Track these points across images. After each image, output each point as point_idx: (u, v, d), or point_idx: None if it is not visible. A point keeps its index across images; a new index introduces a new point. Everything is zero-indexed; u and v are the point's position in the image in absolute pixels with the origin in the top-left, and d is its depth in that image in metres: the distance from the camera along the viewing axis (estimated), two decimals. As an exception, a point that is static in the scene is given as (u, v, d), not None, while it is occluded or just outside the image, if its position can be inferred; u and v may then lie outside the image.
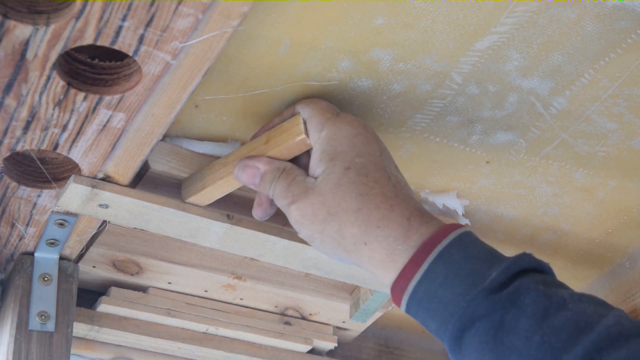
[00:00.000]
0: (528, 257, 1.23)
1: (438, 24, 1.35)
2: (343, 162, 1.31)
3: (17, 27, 1.12)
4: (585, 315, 1.14)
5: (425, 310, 1.24)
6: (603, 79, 1.44)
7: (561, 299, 1.17)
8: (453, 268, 1.22)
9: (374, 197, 1.29)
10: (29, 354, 1.48)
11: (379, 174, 1.32)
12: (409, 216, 1.28)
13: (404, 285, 1.25)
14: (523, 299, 1.17)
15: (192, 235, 1.48)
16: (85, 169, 1.37)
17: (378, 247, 1.27)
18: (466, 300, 1.19)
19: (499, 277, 1.20)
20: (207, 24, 1.15)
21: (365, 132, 1.35)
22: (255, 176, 1.38)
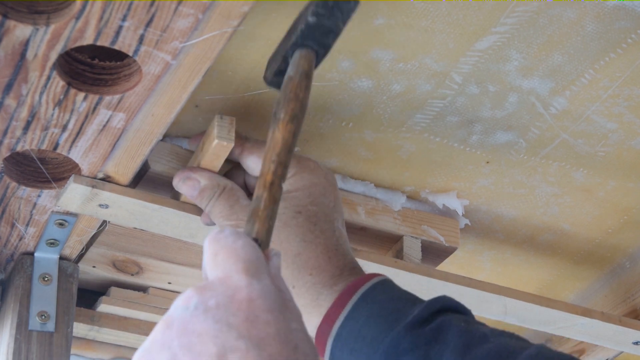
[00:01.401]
0: (448, 298, 1.26)
1: (438, 24, 1.35)
2: (296, 206, 1.31)
3: (17, 27, 1.12)
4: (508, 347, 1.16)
5: (350, 351, 1.23)
6: (603, 79, 1.44)
7: (483, 334, 1.18)
8: (376, 307, 1.23)
9: (316, 247, 1.30)
10: (29, 354, 1.48)
11: (327, 225, 1.32)
12: (342, 268, 1.30)
13: (328, 329, 1.24)
14: (445, 335, 1.18)
15: (192, 235, 1.48)
16: (85, 169, 1.37)
17: (304, 293, 1.27)
18: (390, 336, 1.20)
19: (421, 313, 1.21)
20: (207, 24, 1.14)
21: (324, 182, 1.35)
22: (195, 188, 1.37)
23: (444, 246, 1.66)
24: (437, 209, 1.67)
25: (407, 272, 1.58)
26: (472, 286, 1.61)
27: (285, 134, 1.12)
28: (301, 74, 1.19)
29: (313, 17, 1.20)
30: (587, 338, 1.73)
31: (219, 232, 0.96)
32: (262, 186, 1.07)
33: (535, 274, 1.85)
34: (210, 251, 0.95)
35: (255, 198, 1.06)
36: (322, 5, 1.19)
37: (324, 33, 1.21)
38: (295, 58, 1.21)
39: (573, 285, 1.89)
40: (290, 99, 1.15)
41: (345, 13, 1.20)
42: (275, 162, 1.09)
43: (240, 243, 0.95)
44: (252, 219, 1.04)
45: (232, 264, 0.93)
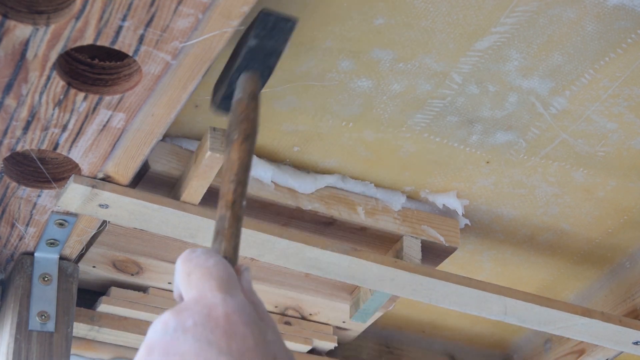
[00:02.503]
0: None
1: (438, 24, 1.35)
2: None
3: (17, 27, 1.12)
4: None
5: None
6: (603, 79, 1.44)
7: None
8: None
9: None
10: (29, 353, 1.48)
11: None
12: None
13: None
14: None
15: (192, 235, 1.48)
16: (85, 169, 1.37)
17: None
18: None
19: None
20: (207, 24, 1.14)
21: None
22: None
23: (444, 246, 1.66)
24: (437, 209, 1.67)
25: (407, 272, 1.58)
26: (472, 286, 1.61)
27: (240, 153, 1.15)
28: (249, 95, 1.22)
29: (254, 40, 1.25)
30: (587, 338, 1.73)
31: (190, 252, 0.97)
32: (225, 206, 1.09)
33: (535, 274, 1.85)
34: (184, 271, 0.96)
35: (219, 218, 1.08)
36: (262, 27, 1.24)
37: (266, 54, 1.26)
38: (241, 81, 1.24)
39: (573, 285, 1.89)
40: (241, 120, 1.18)
41: (284, 33, 1.25)
42: (234, 182, 1.11)
43: (212, 261, 0.96)
44: (219, 238, 1.06)
45: (205, 282, 0.94)
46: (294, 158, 1.57)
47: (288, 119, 1.49)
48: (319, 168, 1.59)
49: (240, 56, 1.25)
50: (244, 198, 1.11)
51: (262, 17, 1.24)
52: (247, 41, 1.25)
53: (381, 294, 1.69)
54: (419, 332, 2.04)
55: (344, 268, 1.57)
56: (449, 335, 2.03)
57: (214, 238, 1.07)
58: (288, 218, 1.59)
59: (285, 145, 1.54)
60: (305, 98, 1.45)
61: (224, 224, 1.07)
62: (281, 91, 1.43)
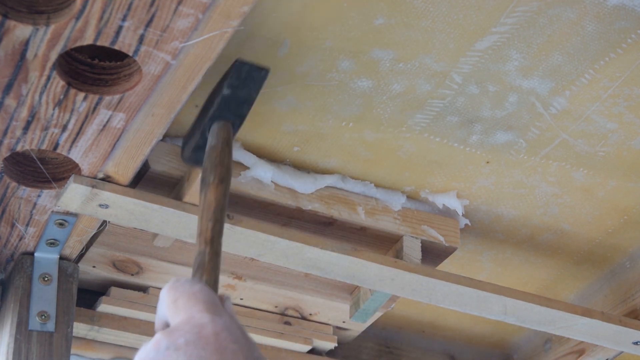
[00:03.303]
0: None
1: (438, 24, 1.35)
2: None
3: (17, 27, 1.12)
4: None
5: None
6: (603, 79, 1.44)
7: None
8: None
9: None
10: (29, 354, 1.48)
11: None
12: None
13: None
14: None
15: (192, 236, 1.48)
16: (85, 169, 1.37)
17: None
18: None
19: None
20: (207, 24, 1.14)
21: None
22: None
23: (444, 246, 1.66)
24: (437, 209, 1.67)
25: (407, 272, 1.58)
26: (472, 286, 1.61)
27: (217, 195, 1.22)
28: (222, 142, 1.29)
29: (228, 90, 1.29)
30: (587, 338, 1.73)
31: (175, 281, 1.02)
32: (204, 242, 1.16)
33: (535, 274, 1.85)
34: (170, 298, 1.00)
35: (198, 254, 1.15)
36: (236, 77, 1.29)
37: (239, 103, 1.31)
38: (214, 129, 1.30)
39: (573, 285, 1.89)
40: (216, 164, 1.25)
41: (257, 82, 1.30)
42: (212, 220, 1.19)
43: (198, 287, 1.01)
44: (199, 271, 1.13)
45: (192, 305, 0.98)
46: (294, 158, 1.57)
47: (288, 119, 1.49)
48: (319, 168, 1.59)
49: (214, 106, 1.31)
50: (222, 235, 1.18)
51: (237, 66, 1.29)
52: (221, 91, 1.30)
53: (381, 294, 1.69)
54: (419, 332, 2.04)
55: (344, 268, 1.57)
56: (449, 335, 2.03)
57: (195, 271, 1.13)
58: (288, 218, 1.59)
59: (285, 145, 1.54)
60: (305, 98, 1.45)
61: (204, 258, 1.14)
62: (281, 91, 1.43)
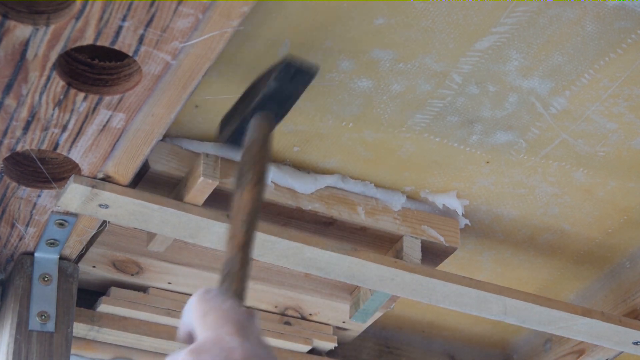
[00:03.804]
0: None
1: (438, 24, 1.35)
2: None
3: (17, 27, 1.12)
4: None
5: None
6: (603, 79, 1.44)
7: None
8: None
9: None
10: (29, 354, 1.48)
11: None
12: None
13: None
14: None
15: (192, 236, 1.48)
16: (85, 169, 1.37)
17: None
18: None
19: None
20: (207, 24, 1.14)
21: None
22: None
23: (444, 246, 1.66)
24: (437, 209, 1.67)
25: (407, 272, 1.58)
26: (472, 286, 1.61)
27: (253, 195, 1.15)
28: (263, 137, 1.23)
29: (275, 83, 1.26)
30: (587, 338, 1.73)
31: (206, 293, 1.00)
32: (236, 247, 1.09)
33: (535, 274, 1.85)
34: (199, 311, 0.98)
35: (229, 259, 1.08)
36: (285, 71, 1.26)
37: (284, 98, 1.27)
38: (256, 121, 1.25)
39: (573, 285, 1.89)
40: (255, 161, 1.19)
41: (306, 79, 1.28)
42: (246, 224, 1.11)
43: (229, 304, 0.98)
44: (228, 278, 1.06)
45: (222, 325, 0.96)
46: (294, 158, 1.57)
47: (288, 119, 1.49)
48: (319, 168, 1.59)
49: (259, 96, 1.27)
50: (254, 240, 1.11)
51: (287, 62, 1.26)
52: (268, 83, 1.26)
53: (381, 294, 1.69)
54: (419, 332, 2.04)
55: (344, 268, 1.57)
56: (449, 335, 2.03)
57: (222, 278, 1.07)
58: (288, 218, 1.59)
59: (285, 145, 1.54)
60: (305, 98, 1.45)
61: (234, 265, 1.08)
62: (281, 91, 1.43)
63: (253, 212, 1.13)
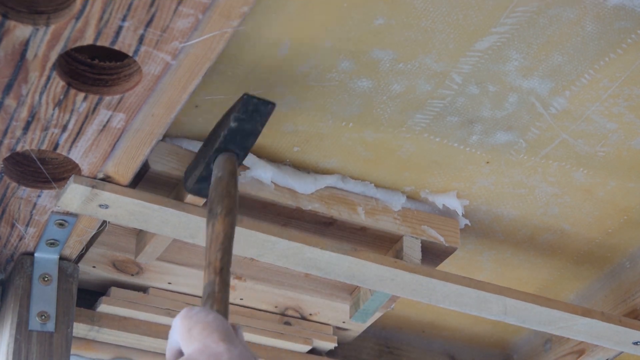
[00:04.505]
0: None
1: (438, 24, 1.35)
2: None
3: (17, 27, 1.12)
4: None
5: None
6: (603, 79, 1.44)
7: None
8: None
9: None
10: (29, 354, 1.48)
11: None
12: None
13: None
14: None
15: (192, 236, 1.48)
16: (85, 169, 1.37)
17: None
18: None
19: None
20: (207, 24, 1.14)
21: None
22: None
23: (444, 246, 1.66)
24: (437, 209, 1.67)
25: (407, 272, 1.58)
26: (472, 286, 1.61)
27: (225, 226, 1.25)
28: (229, 173, 1.32)
29: (235, 123, 1.32)
30: (587, 338, 1.73)
31: (189, 310, 1.03)
32: (213, 272, 1.19)
33: (535, 274, 1.85)
34: (184, 327, 1.01)
35: (207, 284, 1.18)
36: (243, 110, 1.32)
37: (244, 136, 1.34)
38: (220, 161, 1.33)
39: (573, 285, 1.89)
40: (224, 195, 1.29)
41: (263, 116, 1.33)
42: (221, 251, 1.22)
43: (212, 317, 1.02)
44: (209, 301, 1.16)
45: (207, 335, 1.00)
46: (294, 158, 1.57)
47: (288, 119, 1.49)
48: (319, 168, 1.59)
49: (220, 138, 1.33)
50: (230, 265, 1.21)
51: (245, 100, 1.31)
52: (228, 124, 1.32)
53: (381, 294, 1.69)
54: (419, 332, 2.04)
55: (344, 268, 1.57)
56: (449, 335, 2.03)
57: (204, 300, 1.16)
58: (288, 218, 1.59)
59: (285, 145, 1.54)
60: (305, 98, 1.45)
61: (213, 288, 1.17)
62: (281, 91, 1.43)
63: (226, 240, 1.23)
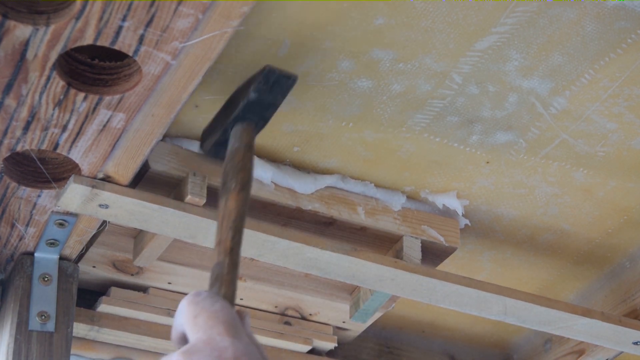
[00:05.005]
0: None
1: (438, 24, 1.35)
2: None
3: (17, 27, 1.12)
4: None
5: None
6: (603, 79, 1.44)
7: None
8: None
9: None
10: (29, 354, 1.48)
11: None
12: None
13: None
14: None
15: (192, 236, 1.48)
16: (85, 169, 1.37)
17: None
18: None
19: None
20: (207, 24, 1.15)
21: None
22: None
23: (444, 246, 1.66)
24: (437, 209, 1.67)
25: (407, 272, 1.58)
26: (472, 286, 1.61)
27: (238, 202, 1.18)
28: (246, 145, 1.28)
29: (255, 93, 1.30)
30: (587, 338, 1.73)
31: (196, 295, 1.01)
32: (223, 252, 1.13)
33: (535, 274, 1.85)
34: (190, 313, 0.99)
35: (216, 264, 1.12)
36: (264, 82, 1.29)
37: (264, 107, 1.31)
38: (237, 131, 1.29)
39: (573, 285, 1.89)
40: (239, 169, 1.23)
41: (284, 88, 1.31)
42: (232, 229, 1.15)
43: (219, 305, 1.00)
44: (217, 282, 1.10)
45: (213, 325, 0.98)
46: (294, 158, 1.57)
47: (288, 119, 1.49)
48: (319, 168, 1.59)
49: (239, 107, 1.31)
50: (240, 245, 1.14)
51: (266, 72, 1.29)
52: (248, 94, 1.30)
53: (381, 294, 1.69)
54: (419, 332, 2.04)
55: (344, 268, 1.57)
56: (449, 335, 2.04)
57: (212, 282, 1.11)
58: (288, 218, 1.59)
59: (285, 145, 1.54)
60: (305, 98, 1.45)
61: (222, 269, 1.11)
62: (281, 91, 1.43)
63: (239, 218, 1.16)
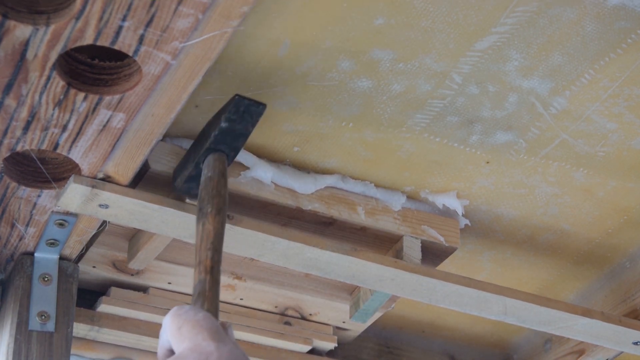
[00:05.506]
0: None
1: (438, 24, 1.35)
2: None
3: (17, 27, 1.12)
4: None
5: None
6: (603, 79, 1.44)
7: None
8: None
9: None
10: (29, 354, 1.48)
11: None
12: None
13: None
14: None
15: (192, 236, 1.48)
16: (85, 169, 1.37)
17: None
18: None
19: None
20: (207, 24, 1.15)
21: None
22: None
23: (444, 246, 1.66)
24: (437, 209, 1.67)
25: (407, 272, 1.58)
26: (472, 286, 1.61)
27: (215, 225, 1.26)
28: (218, 173, 1.33)
29: (226, 123, 1.33)
30: (587, 338, 1.73)
31: (179, 309, 1.04)
32: (204, 271, 1.20)
33: (535, 274, 1.85)
34: (174, 325, 1.02)
35: (198, 282, 1.19)
36: (234, 111, 1.33)
37: (234, 137, 1.35)
38: (210, 161, 1.34)
39: (573, 285, 1.89)
40: (213, 195, 1.30)
41: (254, 117, 1.34)
42: (211, 250, 1.23)
43: (201, 315, 1.03)
44: (200, 299, 1.17)
45: (197, 333, 1.00)
46: (294, 158, 1.57)
47: (288, 119, 1.49)
48: (319, 168, 1.59)
49: (211, 138, 1.34)
50: (220, 264, 1.22)
51: (236, 101, 1.32)
52: (219, 124, 1.33)
53: (381, 294, 1.69)
54: (419, 332, 2.04)
55: (344, 268, 1.57)
56: (449, 335, 2.04)
57: (195, 298, 1.17)
58: (288, 218, 1.59)
59: (285, 145, 1.54)
60: (305, 98, 1.45)
61: (204, 286, 1.18)
62: (281, 91, 1.43)
63: (216, 239, 1.25)
